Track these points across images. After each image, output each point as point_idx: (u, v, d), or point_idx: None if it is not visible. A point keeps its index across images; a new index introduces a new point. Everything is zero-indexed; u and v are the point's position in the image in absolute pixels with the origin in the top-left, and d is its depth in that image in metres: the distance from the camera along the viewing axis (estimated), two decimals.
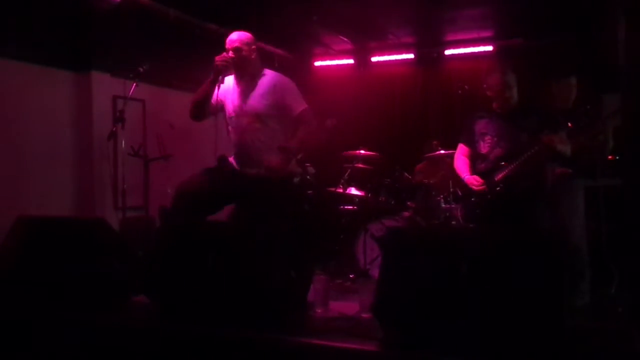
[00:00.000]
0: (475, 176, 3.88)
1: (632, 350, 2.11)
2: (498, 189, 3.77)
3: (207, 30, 5.92)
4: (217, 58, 3.37)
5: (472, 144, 4.03)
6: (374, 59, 7.59)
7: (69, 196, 4.98)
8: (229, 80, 3.57)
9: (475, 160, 4.02)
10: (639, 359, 2.06)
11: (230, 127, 3.61)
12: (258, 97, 3.50)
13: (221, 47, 3.49)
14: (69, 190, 4.99)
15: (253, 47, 3.54)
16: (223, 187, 3.47)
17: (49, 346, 2.60)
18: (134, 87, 4.74)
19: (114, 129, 4.71)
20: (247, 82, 3.54)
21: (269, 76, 3.57)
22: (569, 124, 3.61)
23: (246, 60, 3.49)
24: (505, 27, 6.68)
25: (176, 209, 3.37)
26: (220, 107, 3.61)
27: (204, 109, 3.55)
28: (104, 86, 5.13)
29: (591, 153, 3.99)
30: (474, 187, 3.85)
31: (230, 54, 3.42)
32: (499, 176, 3.78)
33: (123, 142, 4.87)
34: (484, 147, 3.93)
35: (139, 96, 5.14)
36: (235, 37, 3.51)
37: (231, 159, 3.59)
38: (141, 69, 4.75)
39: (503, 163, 3.78)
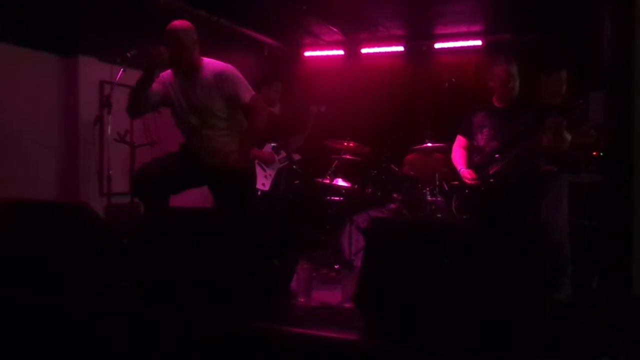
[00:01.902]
0: (469, 170, 3.96)
1: (608, 342, 2.15)
2: (491, 180, 3.83)
3: (197, 17, 5.87)
4: (153, 53, 3.18)
5: (469, 135, 4.09)
6: (364, 50, 7.58)
7: (53, 181, 4.94)
8: (168, 75, 3.44)
9: (472, 152, 4.09)
10: (615, 350, 2.10)
11: (180, 125, 3.51)
12: (206, 92, 3.36)
13: (212, 34, 3.46)
14: (53, 175, 4.95)
15: (194, 38, 3.38)
16: (185, 171, 3.44)
17: (29, 330, 2.59)
18: (121, 72, 4.71)
19: (100, 114, 4.67)
20: (188, 76, 3.39)
21: (209, 67, 3.41)
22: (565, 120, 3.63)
23: (187, 52, 3.33)
24: (494, 22, 6.69)
25: (136, 187, 3.36)
26: (164, 101, 3.47)
27: (140, 106, 3.37)
28: (91, 71, 5.07)
29: (579, 149, 4.02)
30: (467, 180, 3.93)
31: (174, 47, 3.25)
32: (492, 170, 3.85)
33: (109, 127, 4.84)
34: (481, 140, 3.99)
35: (126, 82, 5.09)
36: (176, 27, 3.33)
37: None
38: (129, 55, 4.71)
39: (497, 156, 3.84)
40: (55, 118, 4.97)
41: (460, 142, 4.20)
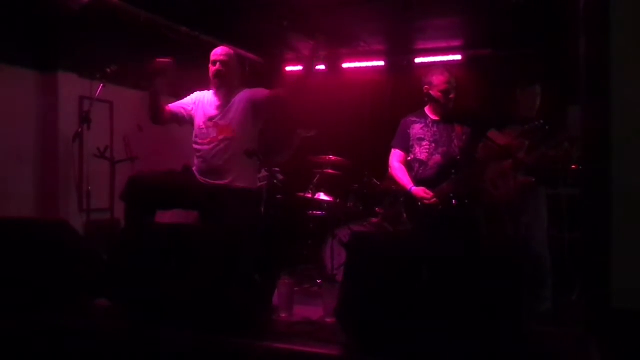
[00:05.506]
0: (423, 188, 3.77)
1: (587, 355, 2.17)
2: (455, 202, 3.73)
3: (179, 33, 5.87)
4: (148, 65, 3.50)
5: (406, 149, 3.95)
6: (345, 65, 7.63)
7: (32, 198, 4.88)
8: (207, 94, 3.68)
9: (409, 165, 3.95)
10: None
11: (198, 138, 3.62)
12: (233, 112, 3.58)
13: (192, 51, 3.50)
14: (32, 192, 4.89)
15: (237, 62, 3.73)
16: (180, 190, 3.49)
17: (9, 349, 2.55)
18: (100, 88, 4.69)
19: (80, 130, 4.64)
20: (224, 96, 3.63)
21: (244, 93, 3.67)
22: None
23: (232, 73, 3.65)
24: (474, 37, 6.77)
25: (128, 196, 3.36)
26: (186, 116, 3.69)
27: (155, 115, 3.66)
28: (71, 86, 5.05)
29: (555, 163, 4.06)
30: (425, 200, 3.74)
31: (218, 65, 3.59)
32: (448, 187, 3.75)
33: (89, 143, 4.81)
34: (421, 153, 3.87)
35: (106, 97, 5.08)
36: (221, 50, 3.67)
37: (194, 169, 3.62)
38: (109, 70, 4.71)
39: (452, 172, 3.76)
40: (34, 133, 4.93)
41: (398, 156, 3.99)
